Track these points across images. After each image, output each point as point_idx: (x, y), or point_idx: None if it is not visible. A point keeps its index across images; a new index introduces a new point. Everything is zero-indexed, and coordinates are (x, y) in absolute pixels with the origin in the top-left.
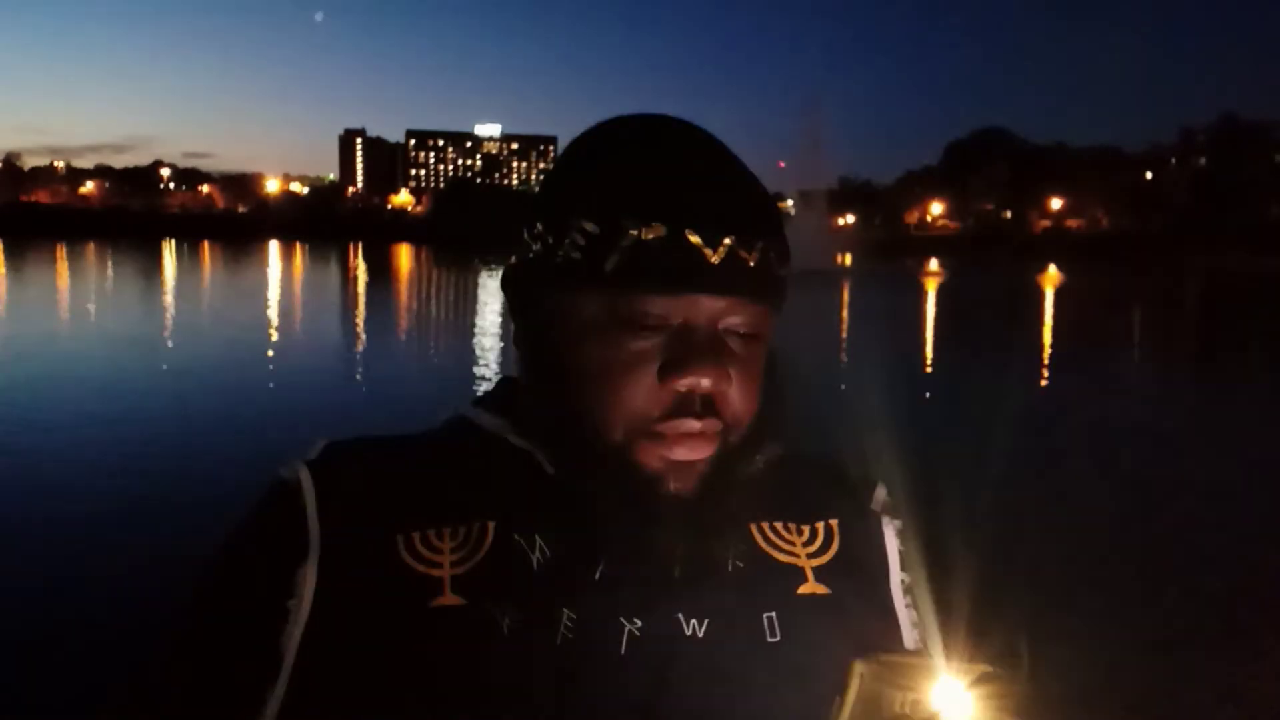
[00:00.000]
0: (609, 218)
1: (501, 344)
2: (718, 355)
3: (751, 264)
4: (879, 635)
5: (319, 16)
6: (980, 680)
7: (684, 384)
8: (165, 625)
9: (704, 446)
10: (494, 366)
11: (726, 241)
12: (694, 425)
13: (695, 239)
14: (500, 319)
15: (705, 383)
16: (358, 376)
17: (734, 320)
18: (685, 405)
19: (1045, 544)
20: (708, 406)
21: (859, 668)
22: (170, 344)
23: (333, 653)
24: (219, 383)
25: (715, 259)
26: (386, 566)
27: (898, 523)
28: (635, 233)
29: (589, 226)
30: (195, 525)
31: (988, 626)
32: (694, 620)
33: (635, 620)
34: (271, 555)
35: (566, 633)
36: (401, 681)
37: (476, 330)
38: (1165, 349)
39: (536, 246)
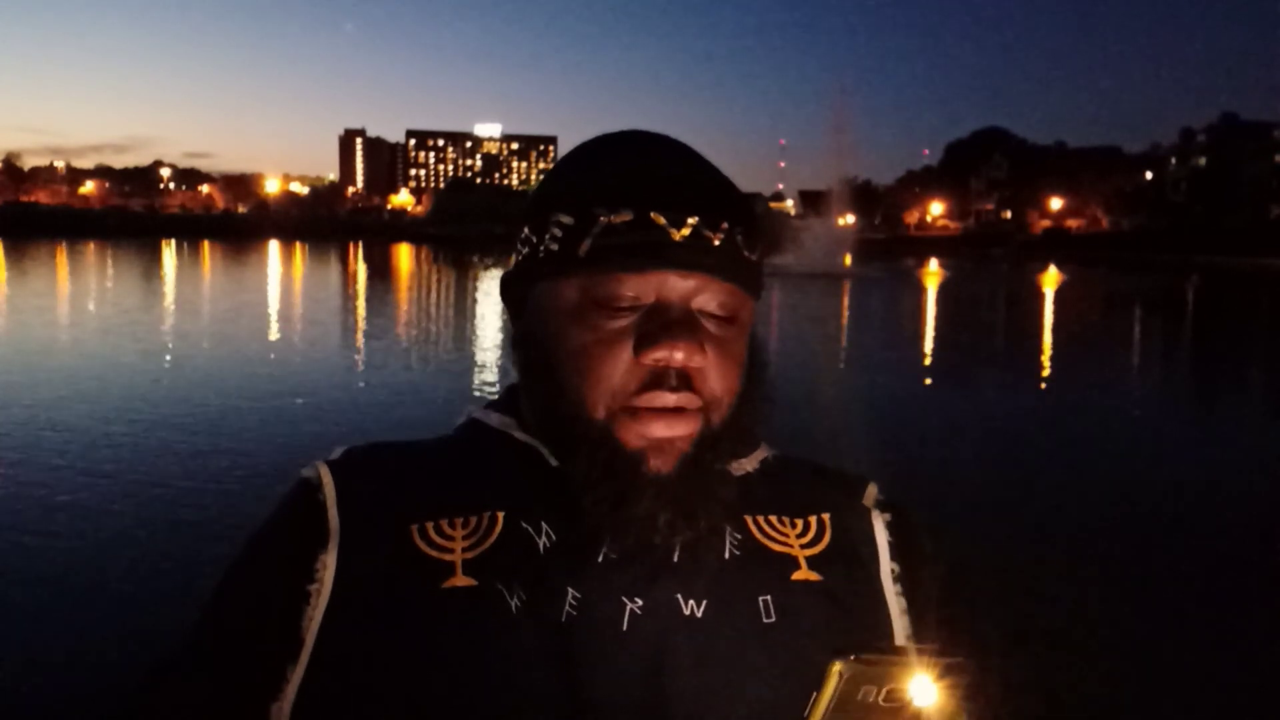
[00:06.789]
0: (582, 208)
1: (501, 337)
2: (691, 331)
3: (716, 243)
4: (869, 620)
5: (349, 27)
6: (948, 670)
7: (657, 357)
8: (187, 619)
9: (682, 424)
10: (493, 359)
11: (691, 221)
12: (669, 399)
13: (660, 219)
14: (501, 320)
15: (678, 356)
16: (360, 383)
17: (707, 300)
18: (660, 379)
19: (1024, 541)
20: (683, 381)
21: (837, 667)
22: (168, 361)
23: (350, 633)
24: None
25: (679, 236)
26: (401, 552)
27: (888, 516)
28: (605, 219)
29: (565, 219)
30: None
31: (961, 618)
32: (693, 601)
33: (636, 599)
34: (293, 544)
35: (571, 610)
36: (414, 657)
37: (476, 323)
38: (1162, 349)
39: (524, 249)
